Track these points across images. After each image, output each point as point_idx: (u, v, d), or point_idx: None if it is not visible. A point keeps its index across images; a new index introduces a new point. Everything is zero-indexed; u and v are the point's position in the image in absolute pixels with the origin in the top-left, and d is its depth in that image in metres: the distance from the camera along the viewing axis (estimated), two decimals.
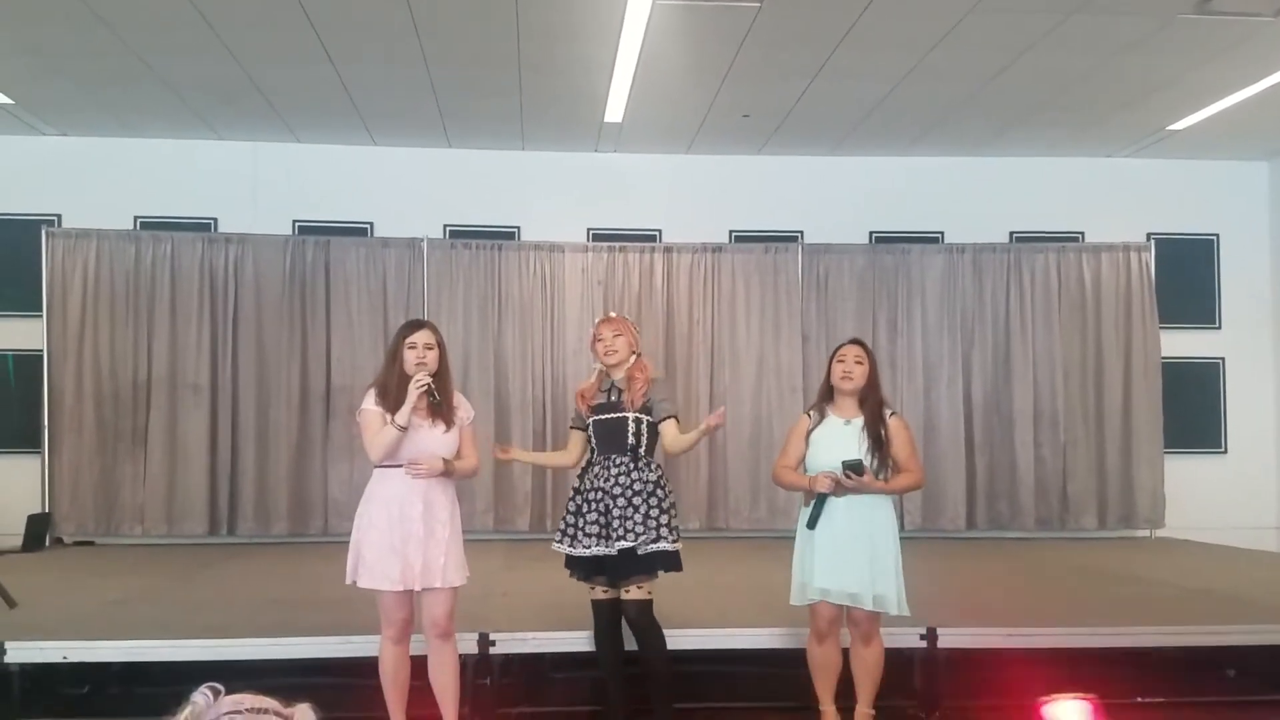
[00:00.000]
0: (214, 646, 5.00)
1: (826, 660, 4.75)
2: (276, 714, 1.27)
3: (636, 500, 4.58)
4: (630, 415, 4.66)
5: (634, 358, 4.77)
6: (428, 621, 4.42)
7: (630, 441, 4.65)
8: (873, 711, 4.73)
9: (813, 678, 4.78)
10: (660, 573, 4.62)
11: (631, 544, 4.50)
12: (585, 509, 4.64)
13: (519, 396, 9.83)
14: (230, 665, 4.69)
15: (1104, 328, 10.20)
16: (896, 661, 4.99)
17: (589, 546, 4.59)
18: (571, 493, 4.77)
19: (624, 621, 4.74)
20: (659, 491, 4.65)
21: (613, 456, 4.65)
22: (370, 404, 4.42)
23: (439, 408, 4.37)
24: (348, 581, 4.40)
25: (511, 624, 5.18)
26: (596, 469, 4.69)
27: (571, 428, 4.91)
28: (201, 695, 1.29)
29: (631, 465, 4.64)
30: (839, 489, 4.56)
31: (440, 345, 4.45)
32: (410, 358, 4.38)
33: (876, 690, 4.74)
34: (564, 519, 4.75)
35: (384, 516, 4.32)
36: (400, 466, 4.35)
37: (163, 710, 1.29)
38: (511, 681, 5.15)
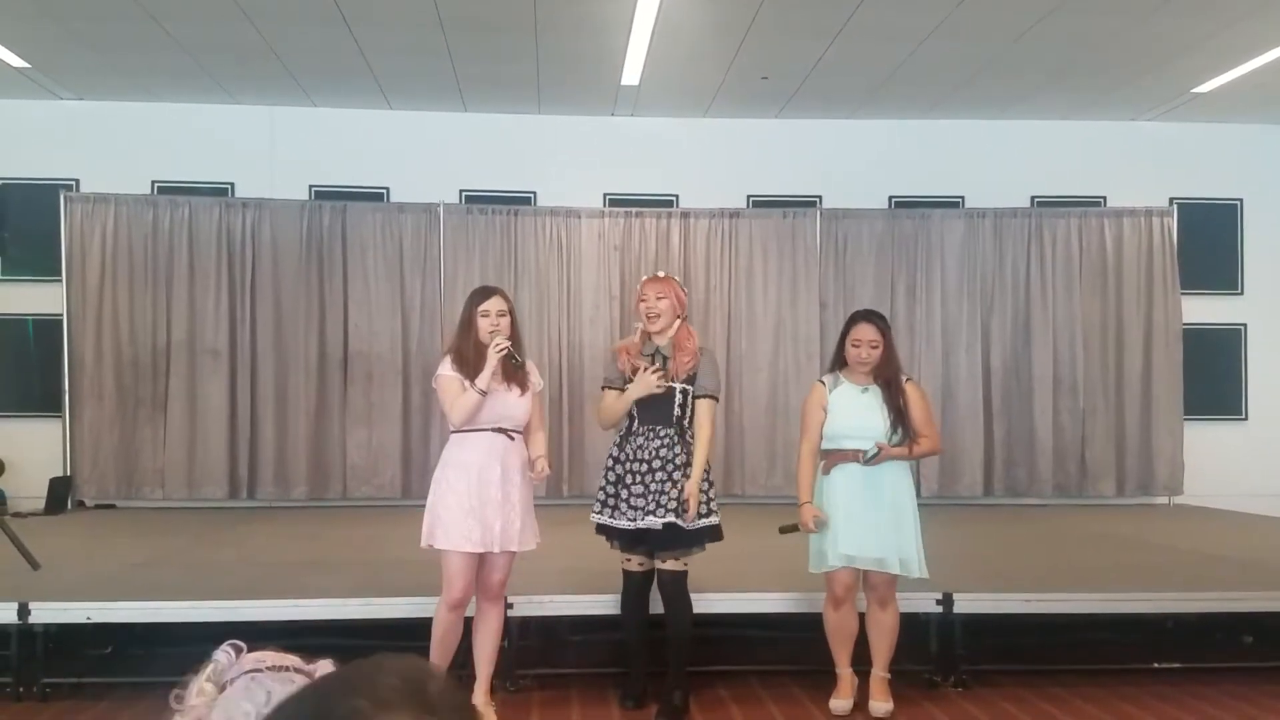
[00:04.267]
0: (235, 607, 5.06)
1: (844, 625, 4.77)
2: (298, 670, 1.27)
3: (676, 475, 4.53)
4: (678, 387, 4.59)
5: (678, 323, 4.67)
6: (484, 584, 4.49)
7: (676, 414, 4.59)
8: (888, 675, 4.76)
9: (830, 642, 4.80)
10: (706, 545, 4.63)
11: (675, 518, 4.47)
12: (629, 480, 4.57)
13: (535, 363, 9.70)
14: (251, 626, 4.74)
15: (1125, 293, 10.11)
16: (913, 626, 5.01)
17: (633, 519, 4.53)
18: (610, 462, 4.68)
19: (654, 586, 4.74)
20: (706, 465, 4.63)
21: (657, 428, 4.59)
22: (447, 370, 4.47)
23: (517, 370, 4.41)
24: (423, 545, 4.44)
25: (529, 587, 5.21)
26: (640, 440, 4.60)
27: (606, 387, 4.77)
28: (223, 653, 1.29)
29: (677, 438, 4.59)
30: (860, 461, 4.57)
31: (511, 311, 4.51)
32: (484, 325, 4.44)
33: (892, 654, 4.77)
34: (603, 489, 4.67)
35: (462, 480, 4.37)
36: (477, 431, 4.40)
37: (185, 669, 1.30)
38: (529, 644, 5.20)
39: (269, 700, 1.26)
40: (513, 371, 4.45)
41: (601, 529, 4.70)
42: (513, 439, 4.47)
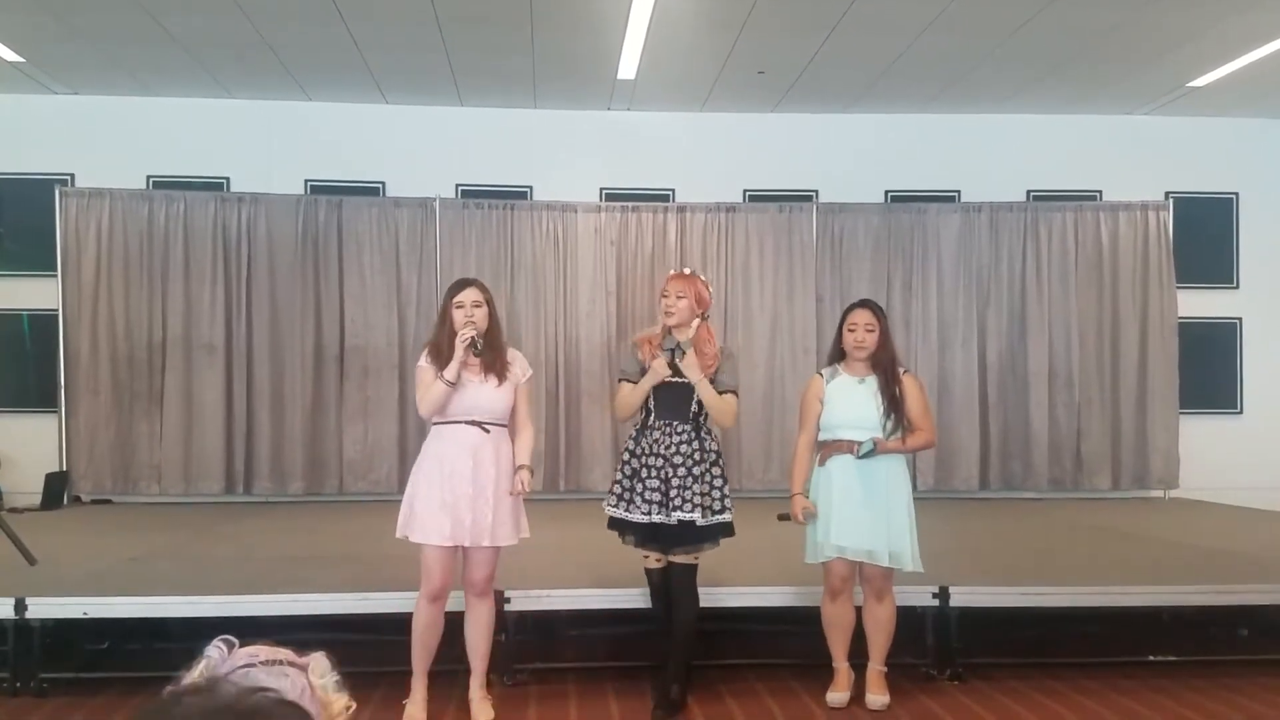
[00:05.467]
0: (231, 602, 5.05)
1: (840, 618, 4.78)
2: (291, 664, 1.28)
3: (697, 470, 4.52)
4: (695, 384, 4.58)
5: (697, 322, 4.65)
6: (468, 580, 4.47)
7: (693, 410, 4.59)
8: (885, 668, 4.77)
9: (826, 635, 4.81)
10: (720, 541, 4.63)
11: (691, 515, 4.47)
12: (645, 474, 4.55)
13: (531, 357, 9.63)
14: (248, 621, 4.74)
15: (1121, 287, 10.13)
16: (909, 620, 5.02)
17: (647, 513, 4.52)
18: (626, 455, 4.66)
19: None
20: (720, 461, 4.64)
21: (674, 423, 4.57)
22: (423, 362, 4.48)
23: (490, 363, 4.40)
24: (399, 535, 4.44)
25: (525, 582, 5.21)
26: (656, 434, 4.58)
27: (622, 379, 4.74)
28: (215, 649, 1.29)
29: (694, 434, 4.58)
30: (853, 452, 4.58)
31: (489, 302, 4.48)
32: (459, 317, 4.41)
33: (889, 647, 4.78)
34: (618, 482, 4.65)
35: (436, 472, 4.37)
36: (451, 423, 4.39)
37: (181, 664, 1.30)
38: (525, 638, 5.20)
39: None
40: (489, 363, 4.42)
41: (615, 523, 4.69)
42: (488, 431, 4.41)
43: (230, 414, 9.55)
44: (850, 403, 4.68)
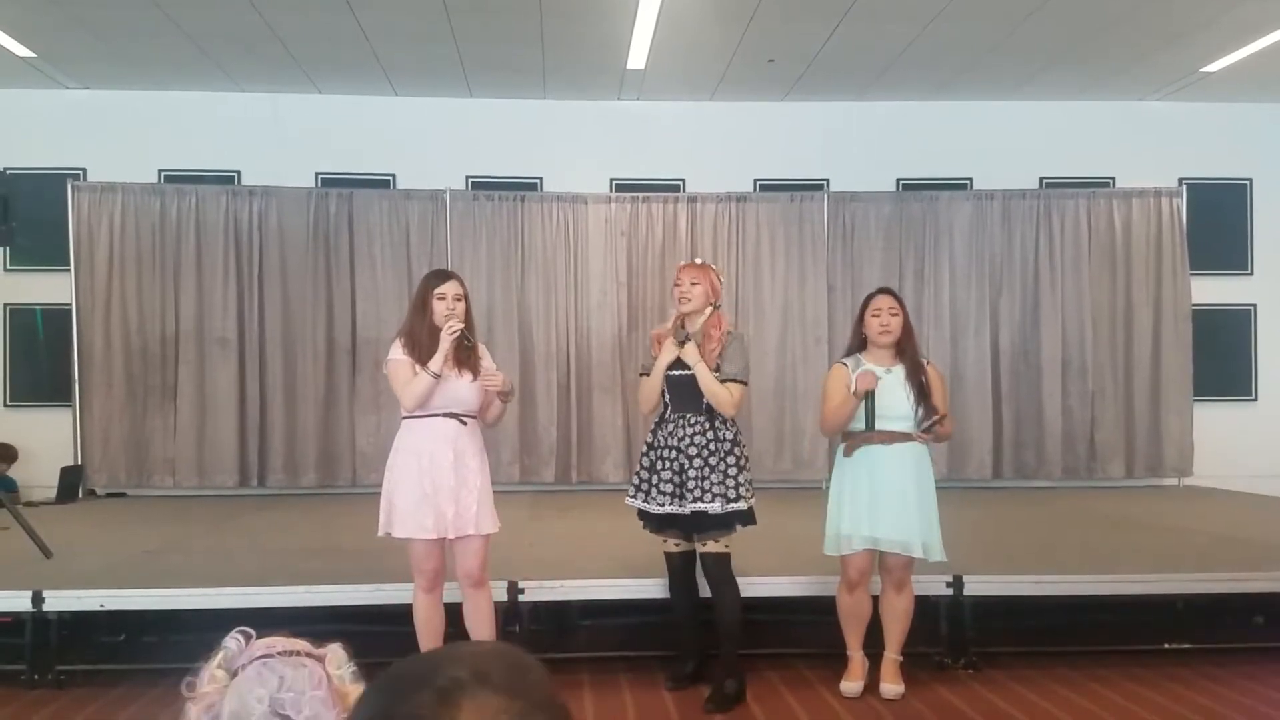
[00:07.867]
0: (247, 594, 5.08)
1: (857, 608, 4.78)
2: (308, 655, 1.28)
3: (713, 460, 4.53)
4: (693, 367, 4.57)
5: (709, 310, 4.66)
6: (461, 571, 4.47)
7: (708, 401, 4.58)
8: (900, 658, 4.77)
9: (842, 625, 4.81)
10: (739, 528, 4.63)
11: (707, 505, 4.49)
12: (659, 466, 4.60)
13: (542, 349, 9.84)
14: (262, 612, 4.76)
15: (1134, 275, 10.07)
16: (923, 609, 5.02)
17: (662, 505, 4.57)
18: (645, 448, 4.73)
19: (699, 571, 4.76)
20: (736, 449, 4.61)
21: (687, 415, 4.58)
22: (398, 354, 4.45)
23: (467, 357, 4.40)
24: (381, 533, 4.44)
25: (539, 573, 5.22)
26: (671, 426, 4.61)
27: (643, 374, 4.78)
28: (233, 640, 1.30)
29: (708, 424, 4.58)
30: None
31: (466, 296, 4.48)
32: (440, 309, 4.41)
33: (905, 637, 4.78)
34: (637, 474, 4.73)
35: (414, 466, 4.35)
36: (429, 417, 4.37)
37: (198, 656, 1.31)
38: (540, 628, 5.21)
39: (282, 685, 1.27)
40: (465, 357, 4.42)
41: (640, 514, 4.76)
42: (465, 424, 4.42)
43: (243, 407, 9.58)
44: (877, 391, 4.65)
